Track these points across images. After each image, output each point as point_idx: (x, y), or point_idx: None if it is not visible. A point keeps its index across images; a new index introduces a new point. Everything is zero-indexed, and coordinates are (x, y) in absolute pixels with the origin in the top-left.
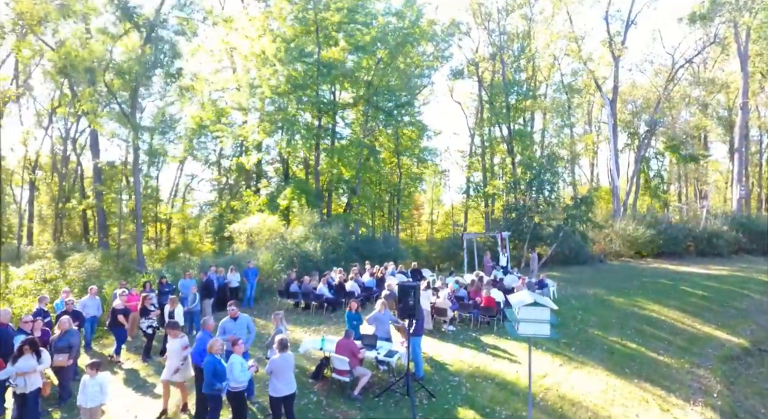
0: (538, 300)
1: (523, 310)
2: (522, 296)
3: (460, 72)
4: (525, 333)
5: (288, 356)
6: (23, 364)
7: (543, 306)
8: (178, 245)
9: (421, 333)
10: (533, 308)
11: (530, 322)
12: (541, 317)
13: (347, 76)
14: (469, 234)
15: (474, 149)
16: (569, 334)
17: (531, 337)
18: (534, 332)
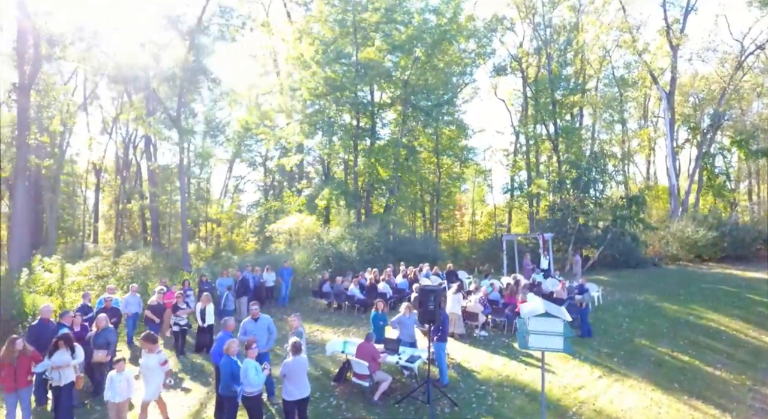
0: (550, 311)
1: (534, 321)
2: (533, 306)
3: (502, 68)
4: (535, 346)
5: (301, 359)
6: (58, 358)
7: (555, 317)
8: (223, 244)
9: (445, 338)
10: (545, 320)
11: (541, 334)
12: (553, 329)
13: (385, 76)
14: (509, 235)
15: (518, 147)
16: (612, 343)
17: (543, 350)
18: (545, 345)
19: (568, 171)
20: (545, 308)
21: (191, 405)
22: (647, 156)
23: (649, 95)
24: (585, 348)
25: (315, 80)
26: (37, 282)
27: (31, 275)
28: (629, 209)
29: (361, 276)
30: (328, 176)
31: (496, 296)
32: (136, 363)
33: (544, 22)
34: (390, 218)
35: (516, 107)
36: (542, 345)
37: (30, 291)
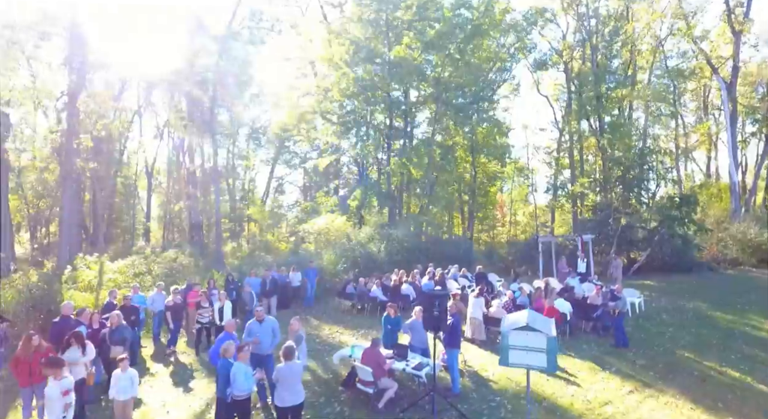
0: (532, 324)
1: (514, 335)
2: (515, 318)
3: (543, 62)
4: (516, 363)
5: (293, 365)
6: (69, 355)
7: (537, 331)
8: (259, 244)
9: (457, 344)
10: (525, 334)
11: (522, 350)
12: (536, 344)
13: (417, 74)
14: (545, 237)
15: (562, 144)
16: (650, 355)
17: (524, 368)
18: (526, 362)
19: (610, 169)
20: (527, 320)
21: (198, 405)
22: (708, 152)
23: (709, 86)
24: (618, 359)
25: (346, 81)
26: (78, 279)
27: (72, 273)
28: (679, 209)
29: (386, 277)
30: (363, 176)
31: (524, 301)
32: (159, 359)
33: (589, 13)
34: (422, 219)
35: (561, 102)
36: (523, 361)
37: (68, 288)
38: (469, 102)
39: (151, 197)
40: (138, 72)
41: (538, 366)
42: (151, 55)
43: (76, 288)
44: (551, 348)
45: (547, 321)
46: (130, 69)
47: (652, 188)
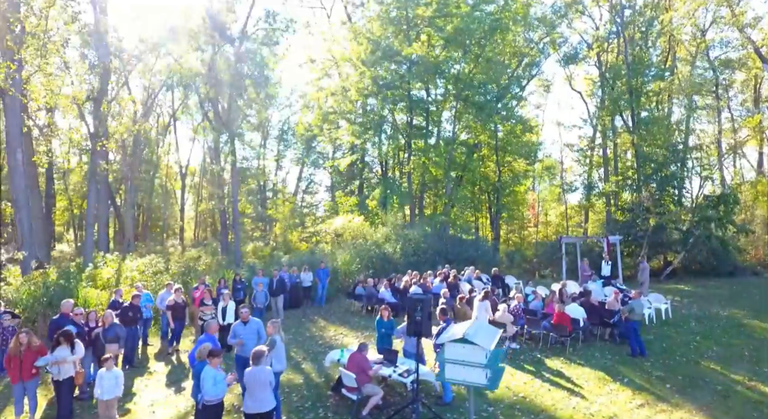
0: (471, 337)
1: (450, 348)
2: (455, 329)
3: (573, 56)
4: (453, 378)
5: (260, 370)
6: (58, 354)
7: (474, 345)
8: (279, 243)
9: None
10: (462, 347)
11: (459, 364)
12: (474, 359)
13: (435, 71)
14: (569, 238)
15: (596, 141)
16: (670, 366)
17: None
18: (463, 378)
19: (644, 167)
20: (465, 332)
21: (185, 407)
22: (759, 147)
23: (761, 77)
24: (633, 369)
25: (365, 80)
26: (96, 277)
27: (92, 271)
28: (716, 208)
29: (397, 279)
30: (386, 176)
31: (537, 306)
32: (161, 357)
33: (623, 2)
34: (441, 219)
35: (595, 98)
36: (460, 377)
37: (85, 286)
38: (492, 99)
39: (184, 198)
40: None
41: (475, 383)
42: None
43: (94, 286)
44: (491, 363)
45: (490, 334)
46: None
47: (688, 187)
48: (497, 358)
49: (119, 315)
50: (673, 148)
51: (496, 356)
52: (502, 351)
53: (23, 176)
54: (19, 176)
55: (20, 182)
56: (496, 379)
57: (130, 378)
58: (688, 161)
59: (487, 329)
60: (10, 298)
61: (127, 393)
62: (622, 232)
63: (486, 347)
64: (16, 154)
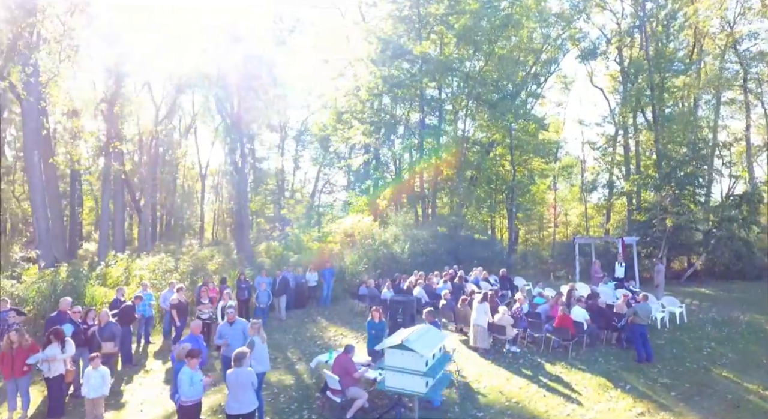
0: (411, 343)
1: (390, 354)
2: (399, 335)
3: (591, 52)
4: (392, 386)
5: (241, 372)
6: (48, 352)
7: (413, 352)
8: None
9: None
10: (401, 353)
11: (399, 372)
12: (413, 366)
13: (445, 69)
14: (582, 238)
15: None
16: (678, 372)
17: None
18: (403, 386)
19: (664, 165)
20: (403, 338)
21: (172, 406)
22: None
23: None
24: (637, 375)
25: (374, 79)
26: (107, 276)
27: (103, 269)
28: (739, 208)
29: (402, 279)
30: (399, 175)
31: (544, 309)
32: (161, 356)
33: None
34: (452, 219)
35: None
36: (400, 385)
37: (93, 284)
38: (505, 97)
39: (204, 197)
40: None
41: (415, 392)
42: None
43: (104, 285)
44: (433, 372)
45: (433, 340)
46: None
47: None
48: (441, 366)
49: (119, 313)
50: (693, 145)
51: (442, 363)
52: (447, 357)
53: (40, 178)
54: (37, 177)
55: (37, 183)
56: (439, 388)
57: (128, 375)
58: (713, 158)
59: (430, 335)
60: (21, 295)
61: (122, 391)
62: (640, 232)
63: (425, 354)
64: (33, 156)
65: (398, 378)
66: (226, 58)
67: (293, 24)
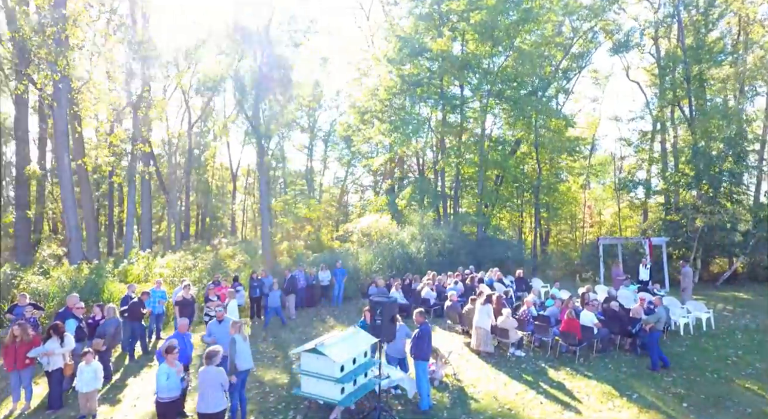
0: (320, 348)
1: (305, 359)
2: (321, 339)
3: (623, 44)
4: (307, 392)
5: (209, 370)
6: (48, 346)
7: (324, 356)
8: (312, 243)
9: (423, 357)
10: (316, 358)
11: (313, 376)
12: (326, 372)
13: (465, 66)
14: (606, 239)
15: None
16: (695, 382)
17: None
18: (318, 392)
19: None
20: (320, 342)
21: None
22: None
23: None
24: (648, 384)
25: (393, 78)
26: (128, 273)
27: (125, 267)
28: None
29: (414, 279)
30: (423, 175)
31: (553, 311)
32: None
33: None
34: (471, 219)
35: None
36: (314, 391)
37: (113, 280)
38: (528, 94)
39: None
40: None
41: (328, 398)
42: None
43: (125, 281)
44: (348, 378)
45: (353, 345)
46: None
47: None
48: (362, 371)
49: (128, 309)
50: (730, 140)
51: (364, 368)
52: (372, 362)
53: (70, 179)
54: (66, 178)
55: (67, 185)
56: (356, 395)
57: (135, 370)
58: (744, 154)
59: (352, 339)
60: (44, 291)
61: (125, 385)
62: (671, 233)
63: (337, 359)
64: (63, 158)
65: (313, 383)
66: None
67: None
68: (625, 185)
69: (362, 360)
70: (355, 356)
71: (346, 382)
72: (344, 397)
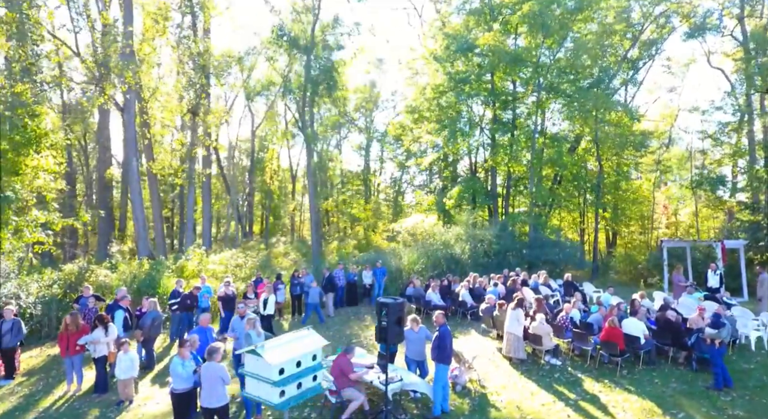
0: (259, 350)
1: (248, 360)
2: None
3: (700, 28)
4: (250, 393)
5: (212, 366)
6: (94, 335)
7: (261, 357)
8: (361, 241)
9: (444, 360)
10: (257, 360)
11: (254, 378)
12: (265, 374)
13: (516, 60)
14: (670, 241)
15: (741, 127)
16: (758, 405)
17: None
18: (259, 394)
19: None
20: (259, 344)
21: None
22: None
23: None
24: (699, 403)
25: (440, 76)
26: (183, 269)
27: (181, 263)
28: None
29: (451, 281)
30: (475, 174)
31: (596, 318)
32: None
33: None
34: (521, 218)
35: (740, 75)
36: (256, 393)
37: (168, 275)
38: (588, 87)
39: (294, 197)
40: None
41: (266, 401)
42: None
43: (181, 276)
44: (287, 382)
45: (302, 347)
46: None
47: None
48: (303, 375)
49: (179, 302)
50: None
51: (310, 372)
52: (319, 366)
53: (137, 181)
54: (135, 181)
55: (135, 186)
56: (299, 398)
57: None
58: None
59: (297, 342)
60: (109, 283)
61: (165, 374)
62: (750, 235)
63: (273, 362)
64: (132, 162)
65: (255, 384)
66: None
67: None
68: (701, 182)
69: (310, 363)
70: (300, 359)
71: (286, 385)
72: (283, 401)
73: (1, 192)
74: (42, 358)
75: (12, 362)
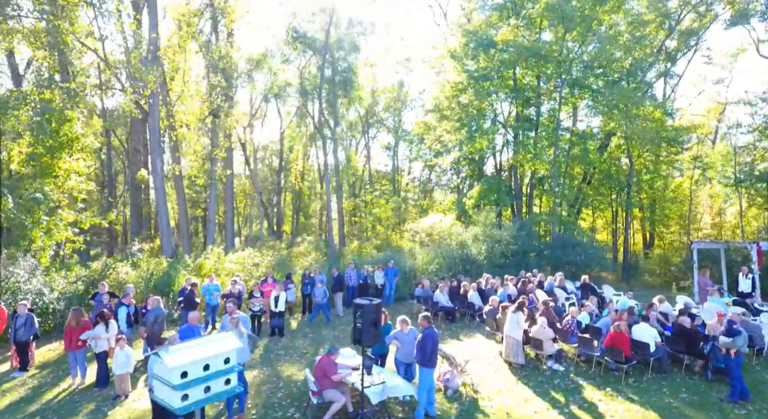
0: (161, 352)
1: (155, 363)
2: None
3: (744, 14)
4: (157, 397)
5: None
6: (95, 331)
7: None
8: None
9: (428, 364)
10: (159, 361)
11: (160, 381)
12: (167, 377)
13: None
14: (701, 242)
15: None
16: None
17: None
18: (162, 397)
19: None
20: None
21: None
22: None
23: None
24: (710, 414)
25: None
26: (201, 267)
27: (198, 261)
28: None
29: (467, 281)
30: (499, 173)
31: (605, 323)
32: None
33: None
34: (542, 218)
35: None
36: (160, 395)
37: (185, 273)
38: (617, 81)
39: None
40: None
41: (168, 405)
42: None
43: (198, 275)
44: (188, 386)
45: (212, 349)
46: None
47: None
48: (210, 379)
49: (184, 300)
50: None
51: (221, 375)
52: (231, 369)
53: (162, 182)
54: (159, 182)
55: (160, 187)
56: (205, 402)
57: None
58: None
59: (209, 344)
60: (128, 281)
61: None
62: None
63: (172, 364)
64: (157, 163)
65: (160, 387)
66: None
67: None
68: (743, 179)
69: (221, 366)
70: (207, 362)
71: (190, 389)
72: (186, 405)
73: (34, 194)
74: (59, 352)
75: (26, 355)
